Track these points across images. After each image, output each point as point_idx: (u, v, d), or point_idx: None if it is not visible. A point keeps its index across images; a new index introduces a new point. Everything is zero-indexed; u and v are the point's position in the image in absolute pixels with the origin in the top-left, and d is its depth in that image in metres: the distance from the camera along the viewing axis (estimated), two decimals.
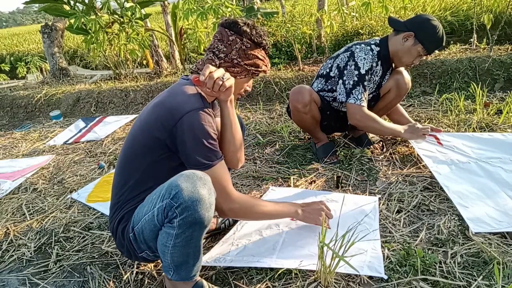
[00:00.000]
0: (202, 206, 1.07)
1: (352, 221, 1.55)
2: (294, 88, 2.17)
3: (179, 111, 1.16)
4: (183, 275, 1.19)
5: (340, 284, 1.27)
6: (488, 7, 4.35)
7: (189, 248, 1.14)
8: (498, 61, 3.20)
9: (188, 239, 1.11)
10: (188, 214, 1.06)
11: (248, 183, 2.06)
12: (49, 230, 1.80)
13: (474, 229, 1.45)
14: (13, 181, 2.42)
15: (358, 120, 2.03)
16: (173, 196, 1.06)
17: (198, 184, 1.07)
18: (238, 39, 1.30)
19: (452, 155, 1.98)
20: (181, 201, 1.05)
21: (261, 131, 2.76)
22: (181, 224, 1.07)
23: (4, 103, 4.32)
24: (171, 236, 1.10)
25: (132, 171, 1.26)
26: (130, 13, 4.06)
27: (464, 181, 1.77)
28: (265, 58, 1.38)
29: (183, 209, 1.05)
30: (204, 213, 1.08)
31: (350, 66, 2.01)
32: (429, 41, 1.96)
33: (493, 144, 2.05)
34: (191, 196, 1.05)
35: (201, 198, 1.06)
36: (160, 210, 1.09)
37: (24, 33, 18.12)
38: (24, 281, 1.48)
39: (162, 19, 5.49)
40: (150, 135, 1.21)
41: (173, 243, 1.11)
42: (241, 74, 1.33)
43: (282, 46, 4.28)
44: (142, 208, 1.17)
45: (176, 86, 1.28)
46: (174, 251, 1.13)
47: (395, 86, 2.17)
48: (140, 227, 1.17)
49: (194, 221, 1.07)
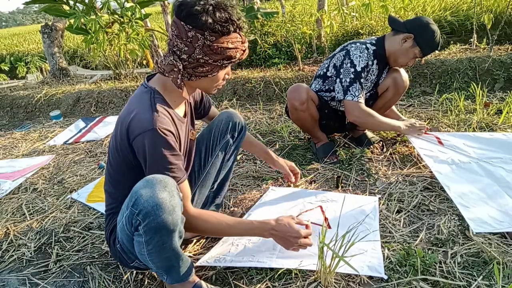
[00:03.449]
0: (164, 210, 1.02)
1: (352, 221, 1.55)
2: (291, 86, 2.17)
3: (132, 131, 1.11)
4: (175, 277, 1.19)
5: (340, 284, 1.27)
6: (488, 7, 4.35)
7: (166, 252, 1.11)
8: (498, 61, 3.20)
9: (159, 244, 1.07)
10: (150, 219, 1.02)
11: (248, 183, 2.06)
12: (49, 230, 1.80)
13: (475, 229, 1.44)
14: (13, 181, 2.42)
15: (357, 117, 2.03)
16: (133, 203, 1.03)
17: (157, 188, 1.03)
18: (198, 35, 1.08)
19: (453, 155, 1.98)
20: (141, 208, 1.02)
21: (261, 131, 2.76)
22: (147, 231, 1.04)
23: (4, 103, 4.31)
24: (142, 244, 1.08)
25: (118, 186, 1.25)
26: (130, 13, 4.05)
27: (465, 181, 1.77)
28: (239, 42, 1.15)
29: (144, 215, 1.02)
30: (167, 216, 1.03)
31: (346, 64, 2.01)
32: (427, 45, 1.99)
33: (494, 144, 2.05)
34: (150, 201, 1.01)
35: (161, 202, 1.02)
36: (126, 219, 1.07)
37: (24, 33, 18.11)
38: (24, 281, 1.48)
39: (162, 19, 5.49)
40: (121, 153, 1.18)
41: (147, 251, 1.08)
42: (212, 72, 1.17)
43: (282, 46, 4.28)
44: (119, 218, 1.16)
45: (133, 99, 1.20)
46: (152, 258, 1.11)
47: (393, 84, 2.17)
48: (121, 238, 1.16)
49: (158, 226, 1.03)
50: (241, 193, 1.96)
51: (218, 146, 1.57)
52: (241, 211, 1.76)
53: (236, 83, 3.69)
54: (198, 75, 1.17)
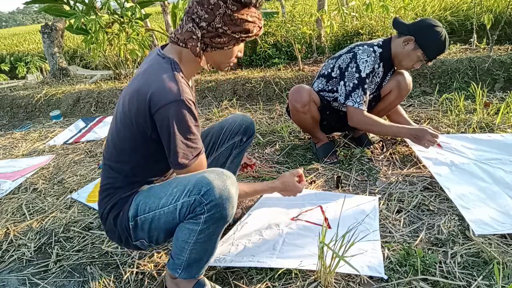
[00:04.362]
0: (231, 203, 1.10)
1: (352, 221, 1.55)
2: (293, 88, 2.16)
3: (156, 103, 1.08)
4: (193, 273, 1.20)
5: (340, 284, 1.27)
6: (488, 7, 4.36)
7: (209, 244, 1.15)
8: (498, 61, 3.20)
9: (210, 235, 1.13)
10: (217, 210, 1.08)
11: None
12: (49, 230, 1.80)
13: (476, 231, 1.44)
14: (13, 181, 2.42)
15: (356, 124, 2.05)
16: (204, 193, 1.06)
17: (228, 183, 1.09)
18: (221, 2, 1.08)
19: (451, 156, 1.98)
20: (212, 198, 1.06)
21: (261, 131, 2.76)
22: (207, 220, 1.09)
23: (4, 103, 4.31)
24: (194, 232, 1.11)
25: (126, 159, 1.20)
26: (130, 13, 4.06)
27: (465, 182, 1.77)
28: (257, 18, 1.17)
29: (212, 206, 1.07)
30: (231, 210, 1.11)
31: (351, 68, 2.00)
32: (429, 47, 1.94)
33: (492, 145, 2.05)
34: (222, 194, 1.07)
35: (231, 196, 1.09)
36: (186, 205, 1.08)
37: (24, 33, 18.12)
38: (24, 281, 1.48)
39: (162, 19, 5.49)
40: (136, 125, 1.14)
41: (195, 239, 1.12)
42: (229, 44, 1.16)
43: (282, 46, 4.28)
44: (154, 199, 1.14)
45: (151, 69, 1.16)
46: (194, 247, 1.14)
47: (396, 88, 2.16)
48: (151, 217, 1.14)
49: (221, 217, 1.10)
50: None
51: (225, 144, 1.59)
52: (240, 211, 1.76)
53: (236, 83, 3.69)
54: (214, 46, 1.15)
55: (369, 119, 2.01)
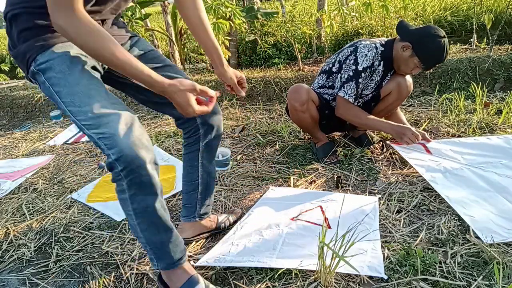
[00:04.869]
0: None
1: (352, 221, 1.55)
2: (292, 87, 2.17)
3: None
4: (167, 260, 1.18)
5: (340, 284, 1.27)
6: (488, 7, 4.36)
7: (151, 217, 1.10)
8: (498, 61, 3.20)
9: (143, 206, 1.07)
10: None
11: (248, 183, 2.06)
12: (49, 230, 1.80)
13: (485, 240, 1.40)
14: (13, 181, 2.42)
15: (341, 114, 2.12)
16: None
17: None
18: None
19: (443, 162, 1.95)
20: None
21: (261, 131, 2.76)
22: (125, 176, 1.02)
23: (4, 103, 4.31)
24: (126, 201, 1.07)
25: None
26: (130, 13, 4.05)
27: (461, 188, 1.74)
28: None
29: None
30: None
31: (349, 60, 2.03)
32: (426, 56, 1.94)
33: (480, 148, 2.04)
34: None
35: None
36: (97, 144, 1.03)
37: None
38: (24, 281, 1.48)
39: (162, 19, 5.49)
40: None
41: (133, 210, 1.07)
42: None
43: (282, 46, 4.28)
44: (75, 100, 1.03)
45: None
46: (140, 222, 1.10)
47: (396, 89, 2.16)
48: (64, 105, 1.05)
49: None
50: (241, 193, 1.96)
51: None
52: (240, 211, 1.76)
53: None
54: None
55: (354, 110, 2.06)
